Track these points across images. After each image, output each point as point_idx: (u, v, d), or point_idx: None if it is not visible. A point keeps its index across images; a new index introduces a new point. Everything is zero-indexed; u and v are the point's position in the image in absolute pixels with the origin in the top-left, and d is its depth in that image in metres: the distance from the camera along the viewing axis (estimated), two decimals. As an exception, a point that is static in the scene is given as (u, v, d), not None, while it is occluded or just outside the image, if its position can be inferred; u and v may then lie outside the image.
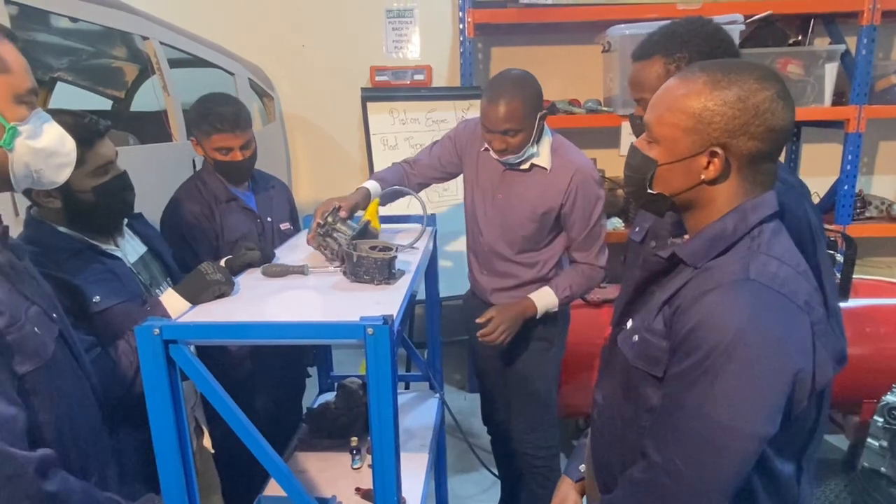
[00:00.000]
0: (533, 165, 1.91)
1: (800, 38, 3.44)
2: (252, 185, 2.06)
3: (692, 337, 0.88)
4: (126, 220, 1.49)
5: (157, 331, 1.03)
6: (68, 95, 3.11)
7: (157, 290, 1.48)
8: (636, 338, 1.01)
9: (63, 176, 1.00)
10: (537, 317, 1.95)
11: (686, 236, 1.04)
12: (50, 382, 0.94)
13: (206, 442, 1.44)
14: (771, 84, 0.91)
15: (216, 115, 1.87)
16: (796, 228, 1.17)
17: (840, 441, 2.86)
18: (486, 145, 1.92)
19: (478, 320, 1.94)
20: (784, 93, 0.91)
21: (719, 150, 0.92)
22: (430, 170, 2.09)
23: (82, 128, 1.26)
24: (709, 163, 0.93)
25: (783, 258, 0.90)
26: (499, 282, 2.05)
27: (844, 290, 2.50)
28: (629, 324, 1.05)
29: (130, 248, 1.47)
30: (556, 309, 1.97)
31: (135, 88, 3.32)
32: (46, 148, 0.94)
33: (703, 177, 0.94)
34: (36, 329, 0.92)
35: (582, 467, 1.26)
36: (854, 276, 2.53)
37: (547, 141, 1.91)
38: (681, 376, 0.90)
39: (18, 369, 0.88)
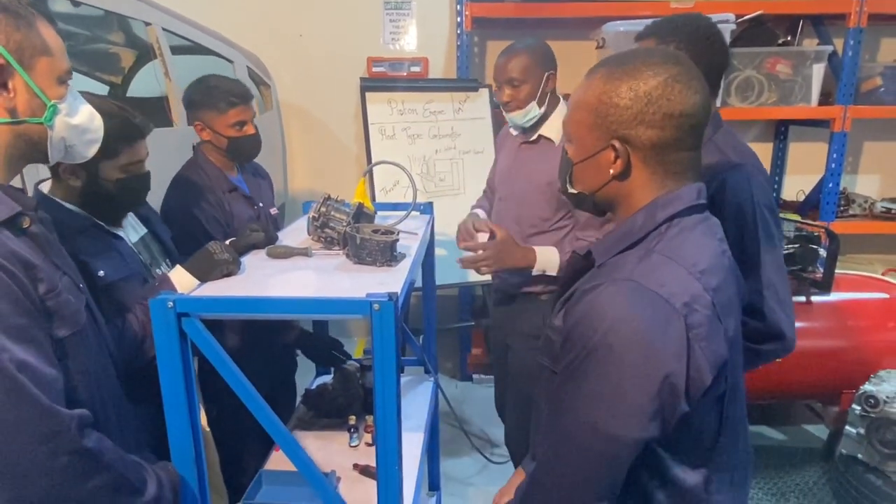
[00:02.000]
0: (541, 137, 1.97)
1: (789, 38, 3.51)
2: (241, 172, 2.08)
3: (573, 334, 0.88)
4: None
5: (171, 304, 1.07)
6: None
7: (157, 270, 1.52)
8: (545, 335, 1.02)
9: (92, 151, 1.05)
10: (533, 272, 1.92)
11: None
12: (82, 348, 0.98)
13: (203, 421, 1.48)
14: (664, 69, 0.88)
15: (230, 90, 1.90)
16: (736, 207, 1.28)
17: (820, 431, 2.95)
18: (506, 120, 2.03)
19: (470, 245, 1.93)
20: (682, 76, 0.88)
21: (618, 144, 0.90)
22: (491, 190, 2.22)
23: (130, 126, 1.35)
24: (615, 158, 0.92)
25: (678, 257, 0.87)
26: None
27: (827, 285, 2.58)
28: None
29: (132, 229, 1.52)
30: (555, 272, 1.93)
31: (132, 74, 3.33)
32: (80, 125, 1.00)
33: (611, 171, 0.92)
34: (70, 297, 0.97)
35: None
36: (837, 271, 2.61)
37: (560, 113, 1.96)
38: (562, 372, 0.90)
39: (57, 333, 0.92)
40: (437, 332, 2.26)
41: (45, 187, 1.40)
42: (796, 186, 3.86)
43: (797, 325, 1.37)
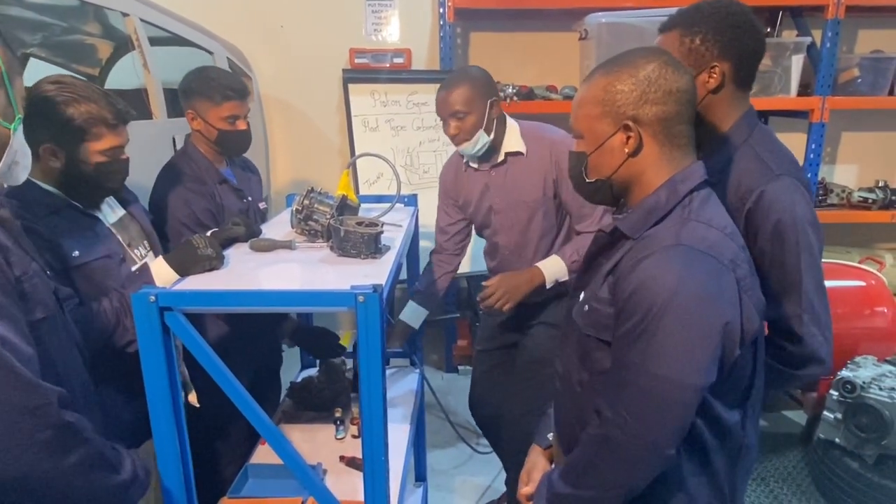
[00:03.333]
0: (508, 155, 1.98)
1: (768, 29, 3.55)
2: (230, 165, 2.06)
3: (631, 300, 0.97)
4: None
5: (152, 298, 1.06)
6: (41, 73, 3.05)
7: (137, 251, 1.51)
8: (587, 307, 1.09)
9: (21, 177, 1.04)
10: (547, 285, 1.96)
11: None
12: (53, 334, 0.98)
13: (192, 398, 1.48)
14: (655, 56, 1.03)
15: (227, 83, 1.89)
16: (776, 224, 1.19)
17: (799, 416, 3.01)
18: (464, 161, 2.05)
19: (483, 283, 1.97)
20: (671, 61, 1.03)
21: (630, 123, 1.02)
22: (451, 237, 2.19)
23: (115, 111, 1.34)
24: (627, 137, 1.03)
25: (711, 222, 1.00)
26: (512, 262, 2.07)
27: (805, 273, 2.62)
28: (581, 296, 1.13)
29: (109, 210, 1.50)
30: (567, 277, 1.96)
31: (109, 66, 3.27)
32: (22, 148, 1.01)
33: (626, 150, 1.04)
34: (39, 282, 0.97)
35: (550, 435, 1.32)
36: (815, 260, 2.65)
37: (514, 128, 1.99)
38: (624, 337, 0.98)
39: (31, 317, 0.92)
40: (423, 324, 2.27)
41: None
42: (776, 177, 3.90)
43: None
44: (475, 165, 2.05)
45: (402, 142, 3.28)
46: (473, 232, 2.23)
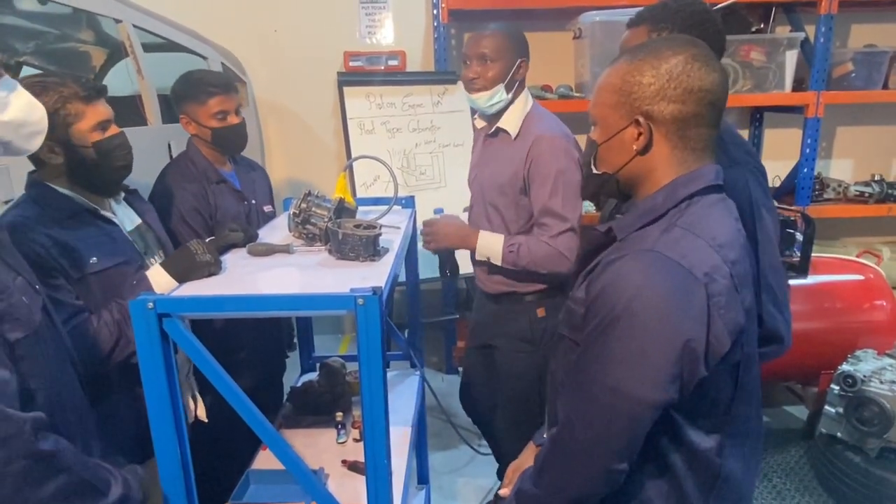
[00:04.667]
0: (499, 130, 1.90)
1: (762, 25, 3.56)
2: (235, 167, 2.07)
3: (595, 303, 0.93)
4: (123, 194, 1.52)
5: (150, 305, 1.05)
6: (35, 80, 3.04)
7: (152, 259, 1.50)
8: (566, 306, 1.06)
9: (35, 144, 0.98)
10: (476, 255, 1.92)
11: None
12: (37, 351, 0.95)
13: (201, 411, 1.48)
14: (683, 49, 0.95)
15: (210, 81, 1.91)
16: (735, 205, 1.21)
17: (800, 412, 3.01)
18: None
19: (427, 220, 1.97)
20: (701, 56, 0.94)
21: (642, 119, 0.96)
22: None
23: (82, 85, 1.32)
24: (639, 134, 0.97)
25: (697, 230, 0.92)
26: (484, 262, 1.98)
27: (804, 268, 2.63)
28: None
29: (126, 218, 1.50)
30: (499, 262, 1.86)
31: (103, 73, 3.26)
32: (14, 120, 0.92)
33: (634, 147, 0.98)
34: (24, 298, 0.93)
35: (546, 434, 1.32)
36: (813, 255, 2.65)
37: (521, 107, 1.89)
38: (584, 340, 0.95)
39: (10, 336, 0.88)
40: (422, 326, 2.26)
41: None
42: (772, 172, 3.87)
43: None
44: (479, 124, 2.01)
45: (399, 144, 3.28)
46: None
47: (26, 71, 2.97)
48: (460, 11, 3.27)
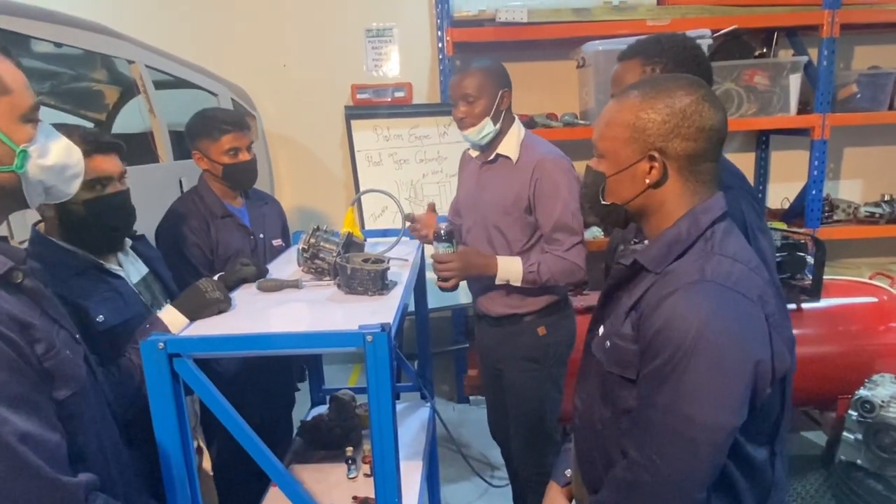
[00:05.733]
0: (499, 156, 1.99)
1: (765, 50, 3.59)
2: (246, 201, 2.10)
3: (658, 339, 0.94)
4: (130, 242, 1.51)
5: (161, 345, 1.06)
6: (50, 119, 3.11)
7: (158, 311, 1.49)
8: (608, 343, 1.06)
9: (75, 187, 0.99)
10: (496, 281, 1.95)
11: (647, 242, 1.10)
12: (84, 406, 0.94)
13: (206, 463, 1.46)
14: (695, 90, 1.00)
15: (223, 118, 1.97)
16: None
17: (818, 437, 2.95)
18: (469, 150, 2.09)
19: (436, 256, 1.93)
20: (710, 96, 1.00)
21: (657, 154, 1.00)
22: (455, 214, 2.23)
23: (81, 138, 1.25)
24: (651, 168, 1.01)
25: (736, 256, 0.97)
26: (484, 285, 2.05)
27: (816, 291, 2.60)
28: (601, 330, 1.11)
29: (133, 269, 1.48)
30: (519, 283, 1.93)
31: (116, 111, 3.33)
32: (57, 164, 0.93)
33: (647, 181, 1.01)
34: (68, 352, 0.92)
35: (568, 472, 1.30)
36: (825, 277, 2.63)
37: (517, 133, 1.99)
38: (651, 376, 0.96)
39: (58, 395, 0.87)
40: (433, 355, 2.25)
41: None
42: (780, 195, 3.91)
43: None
44: (474, 154, 2.09)
45: (406, 175, 3.31)
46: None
47: (42, 111, 3.05)
48: (465, 44, 3.32)
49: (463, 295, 3.05)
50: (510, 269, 1.93)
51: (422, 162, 3.34)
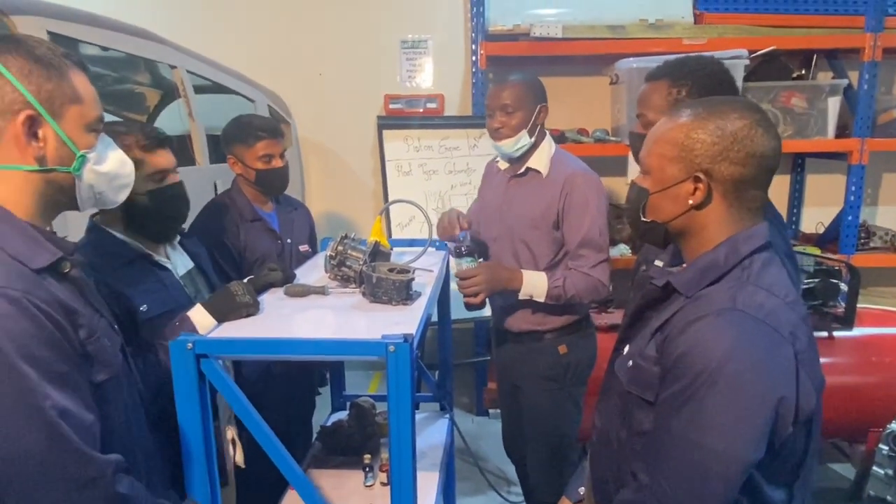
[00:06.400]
0: (528, 170, 1.98)
1: (803, 72, 3.53)
2: (276, 207, 2.14)
3: (680, 363, 0.93)
4: (178, 238, 1.58)
5: (190, 345, 1.09)
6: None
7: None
8: (630, 363, 1.05)
9: (122, 196, 1.07)
10: (519, 296, 1.94)
11: (684, 265, 1.09)
12: (117, 393, 0.99)
13: (239, 457, 1.50)
14: (749, 114, 0.98)
15: (258, 125, 2.02)
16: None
17: (846, 470, 2.86)
18: (496, 158, 2.09)
19: (460, 273, 1.92)
20: (764, 122, 0.97)
21: (702, 176, 0.98)
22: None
23: (144, 135, 1.39)
24: (695, 189, 0.99)
25: (771, 289, 0.94)
26: (506, 300, 2.03)
27: (849, 319, 2.54)
28: (626, 349, 1.10)
29: (180, 262, 1.55)
30: (542, 299, 1.92)
31: (156, 113, 3.43)
32: (110, 172, 1.01)
33: (690, 202, 1.00)
34: (107, 340, 0.98)
35: (581, 489, 1.29)
36: (859, 306, 2.57)
37: (547, 148, 1.99)
38: (669, 401, 0.94)
39: (95, 378, 0.93)
40: (452, 368, 2.26)
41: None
42: (815, 219, 3.82)
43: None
44: (503, 166, 2.09)
45: (434, 186, 3.33)
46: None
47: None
48: (498, 58, 3.34)
49: (486, 307, 3.06)
50: (535, 283, 1.92)
51: (451, 173, 3.36)
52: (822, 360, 1.33)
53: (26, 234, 0.90)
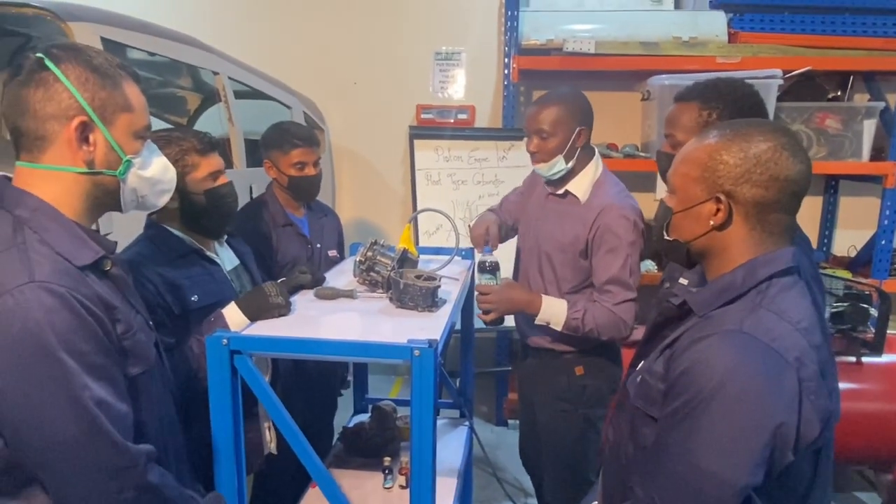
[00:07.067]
0: (568, 192, 1.91)
1: (839, 93, 3.49)
2: (308, 212, 2.21)
3: (681, 380, 0.93)
4: (226, 237, 1.67)
5: (225, 341, 1.14)
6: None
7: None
8: (639, 378, 1.06)
9: (163, 201, 1.13)
10: (536, 320, 1.88)
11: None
12: (150, 386, 1.05)
13: (274, 443, 1.57)
14: (774, 137, 0.97)
15: (296, 133, 2.10)
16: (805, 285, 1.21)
17: (872, 500, 2.80)
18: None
19: (478, 288, 1.89)
20: (791, 146, 0.97)
21: (723, 197, 0.98)
22: (505, 211, 2.21)
23: (199, 140, 1.49)
24: (717, 210, 1.00)
25: (783, 314, 0.93)
26: (530, 321, 1.96)
27: (878, 345, 2.50)
28: (640, 365, 1.12)
29: (227, 259, 1.64)
30: (560, 328, 1.84)
31: (196, 116, 3.54)
32: (153, 177, 1.07)
33: (711, 222, 1.00)
34: (142, 335, 1.03)
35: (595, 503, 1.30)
36: (889, 332, 2.52)
37: (591, 173, 1.91)
38: (668, 417, 0.95)
39: (130, 371, 0.98)
40: (474, 376, 2.28)
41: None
42: (847, 242, 3.76)
43: (846, 386, 1.32)
44: (532, 163, 2.00)
45: (463, 195, 3.37)
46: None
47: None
48: (530, 71, 3.37)
49: (510, 317, 3.07)
50: (554, 311, 1.85)
51: (479, 184, 3.40)
52: (849, 385, 1.32)
53: (72, 232, 0.95)
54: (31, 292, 0.85)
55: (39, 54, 0.94)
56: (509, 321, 2.18)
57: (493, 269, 1.90)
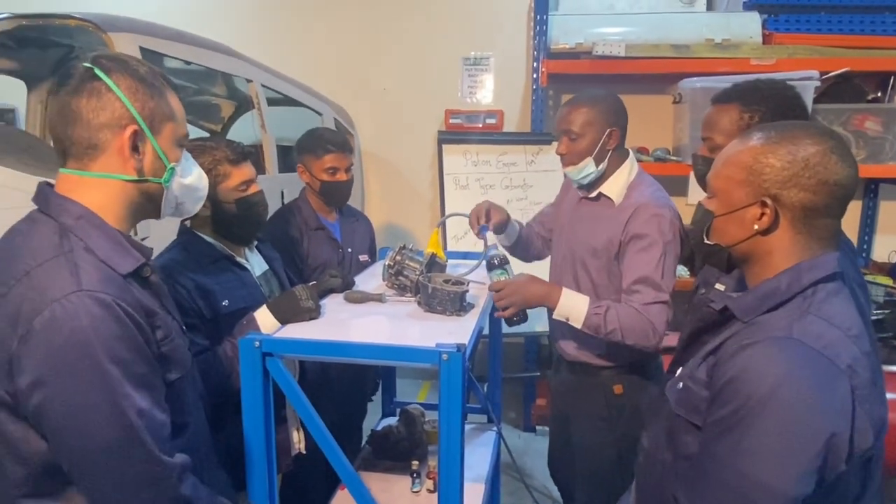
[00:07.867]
0: (601, 195, 1.84)
1: (878, 94, 3.39)
2: (340, 217, 2.24)
3: (729, 388, 0.90)
4: (256, 243, 1.70)
5: (257, 343, 1.17)
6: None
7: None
8: (680, 385, 1.04)
9: (197, 207, 1.15)
10: (554, 315, 1.72)
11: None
12: (186, 390, 1.07)
13: (302, 444, 1.59)
14: (823, 140, 0.94)
15: (329, 139, 2.14)
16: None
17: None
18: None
19: (492, 285, 1.71)
20: (839, 149, 0.94)
21: (769, 201, 0.96)
22: (540, 224, 2.20)
23: (231, 150, 1.52)
24: (762, 214, 0.97)
25: (832, 320, 0.91)
26: (561, 325, 1.79)
27: (919, 354, 2.42)
28: (679, 371, 1.09)
29: (257, 265, 1.68)
30: (580, 325, 1.68)
31: (230, 123, 3.62)
32: (192, 184, 1.09)
33: (755, 227, 0.97)
34: (180, 340, 1.05)
35: None
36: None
37: (626, 174, 1.82)
38: (715, 425, 0.92)
39: (169, 377, 1.00)
40: (501, 382, 2.27)
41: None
42: (888, 247, 3.64)
43: (888, 396, 1.28)
44: (577, 187, 1.91)
45: (491, 200, 3.36)
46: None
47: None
48: (559, 75, 3.36)
49: (538, 323, 3.05)
50: (573, 305, 1.69)
51: (507, 188, 3.40)
52: (891, 395, 1.27)
53: (115, 240, 0.98)
54: (78, 300, 0.87)
55: (88, 64, 0.96)
56: (539, 325, 2.15)
57: (502, 263, 1.78)
